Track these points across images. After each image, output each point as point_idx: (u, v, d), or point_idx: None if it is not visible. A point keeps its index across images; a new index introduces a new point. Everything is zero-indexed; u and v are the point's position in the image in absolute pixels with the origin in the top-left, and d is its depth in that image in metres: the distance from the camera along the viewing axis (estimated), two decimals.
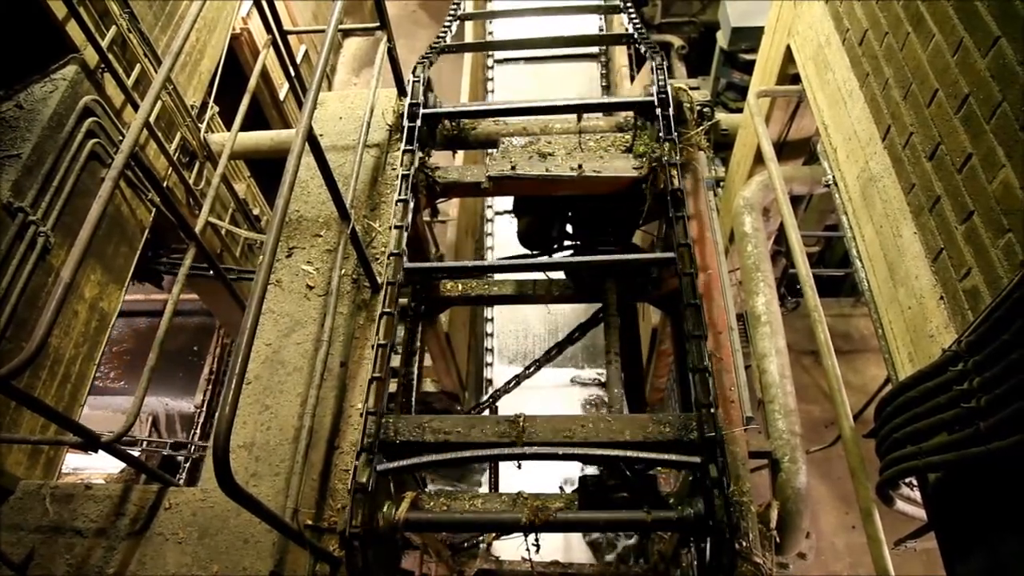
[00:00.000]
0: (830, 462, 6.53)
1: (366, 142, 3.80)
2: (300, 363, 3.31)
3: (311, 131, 2.55)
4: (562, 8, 5.26)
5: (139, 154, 2.70)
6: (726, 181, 5.81)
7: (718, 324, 3.29)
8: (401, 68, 4.16)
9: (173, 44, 2.95)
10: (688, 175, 3.74)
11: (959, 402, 2.08)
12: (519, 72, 9.40)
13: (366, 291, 3.54)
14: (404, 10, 13.79)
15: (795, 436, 3.49)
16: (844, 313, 8.26)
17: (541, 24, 8.80)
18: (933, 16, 2.60)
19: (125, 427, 2.97)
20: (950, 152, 2.51)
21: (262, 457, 3.08)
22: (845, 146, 3.41)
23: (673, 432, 2.84)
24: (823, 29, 3.63)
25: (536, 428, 2.90)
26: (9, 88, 4.40)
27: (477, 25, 9.32)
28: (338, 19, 2.96)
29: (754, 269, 4.09)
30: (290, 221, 3.82)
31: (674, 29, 11.90)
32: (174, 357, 10.70)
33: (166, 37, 5.52)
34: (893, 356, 2.95)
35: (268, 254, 2.17)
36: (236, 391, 1.91)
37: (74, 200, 4.35)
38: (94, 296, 4.68)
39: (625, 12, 4.63)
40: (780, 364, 3.70)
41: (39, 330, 2.28)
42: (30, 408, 2.38)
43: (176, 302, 3.47)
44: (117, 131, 4.77)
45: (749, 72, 5.95)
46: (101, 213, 2.39)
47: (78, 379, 4.51)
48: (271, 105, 9.46)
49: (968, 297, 2.41)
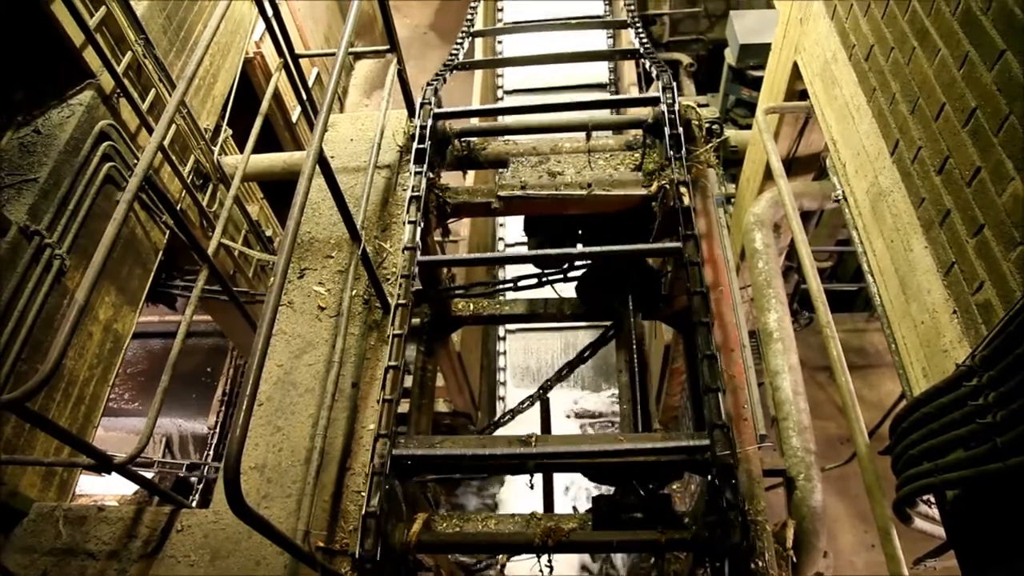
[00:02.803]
0: (847, 479, 6.44)
1: (377, 163, 3.84)
2: (312, 384, 3.32)
3: (322, 154, 2.58)
4: (570, 23, 5.31)
5: (153, 177, 2.74)
6: (736, 197, 5.80)
7: (730, 341, 3.28)
8: (411, 90, 4.20)
9: (187, 69, 3.00)
10: (698, 192, 3.75)
11: (975, 417, 2.05)
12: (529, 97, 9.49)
13: (377, 312, 3.55)
14: (415, 32, 13.95)
15: (810, 454, 3.45)
16: (858, 328, 8.20)
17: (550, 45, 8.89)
18: (938, 30, 2.61)
19: (137, 449, 2.99)
20: (959, 166, 2.50)
21: (274, 479, 3.08)
22: (854, 161, 3.40)
23: (686, 450, 2.82)
24: (829, 45, 3.64)
25: (548, 448, 2.89)
26: (28, 114, 4.48)
27: (487, 49, 9.41)
28: (348, 42, 3.00)
29: (765, 286, 4.07)
30: (301, 243, 3.85)
31: (682, 47, 11.97)
32: (187, 378, 10.75)
33: (180, 62, 5.61)
34: (907, 371, 2.92)
35: (279, 276, 2.19)
36: (247, 413, 1.91)
37: (89, 223, 4.40)
38: (108, 318, 4.72)
39: (632, 27, 4.67)
40: (793, 381, 3.67)
41: (53, 352, 2.31)
42: (44, 430, 2.41)
43: (189, 324, 3.50)
44: (132, 154, 4.83)
45: (757, 88, 5.97)
46: (115, 235, 2.42)
47: (92, 401, 4.54)
48: (284, 127, 9.56)
49: (981, 311, 2.39)
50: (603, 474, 3.14)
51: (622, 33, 9.12)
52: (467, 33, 4.76)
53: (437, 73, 4.25)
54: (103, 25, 4.63)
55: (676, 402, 7.68)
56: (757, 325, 4.05)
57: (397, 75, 4.07)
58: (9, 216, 3.95)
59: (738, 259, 5.20)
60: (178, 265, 6.40)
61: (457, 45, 4.62)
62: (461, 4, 13.49)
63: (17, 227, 3.94)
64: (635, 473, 3.03)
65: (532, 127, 4.19)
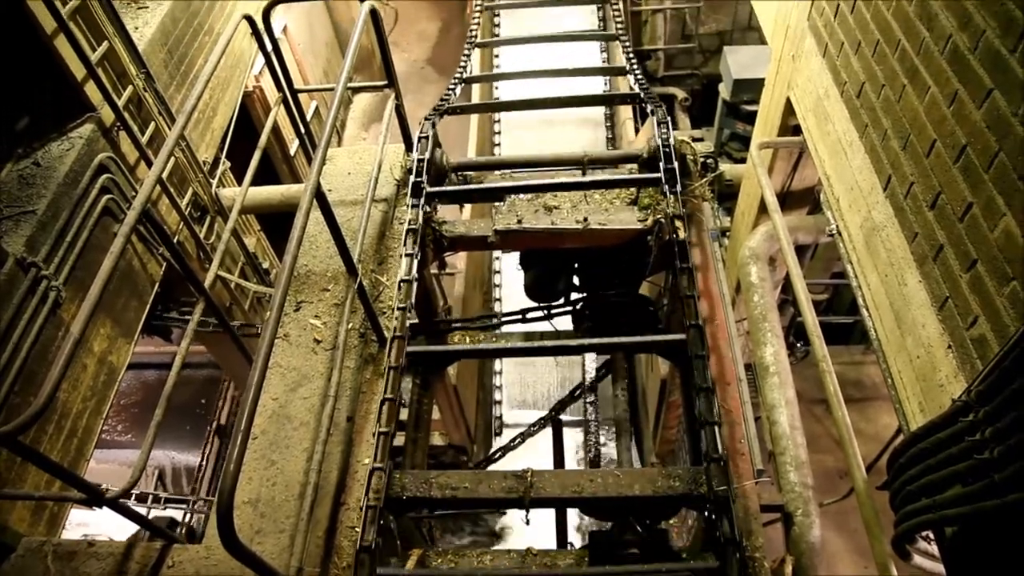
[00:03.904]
0: (845, 514, 6.39)
1: (374, 197, 3.86)
2: (307, 418, 3.30)
3: (319, 188, 2.60)
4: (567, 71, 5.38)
5: (151, 210, 2.75)
6: (731, 231, 5.84)
7: (726, 375, 3.28)
8: (409, 124, 4.24)
9: (187, 104, 3.03)
10: (693, 226, 3.77)
11: (972, 453, 2.04)
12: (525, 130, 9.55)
13: (373, 345, 3.54)
14: (413, 67, 14.12)
15: (807, 489, 3.42)
16: (855, 360, 8.20)
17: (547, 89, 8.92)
18: (928, 69, 2.65)
19: (130, 483, 2.96)
20: (951, 201, 2.53)
21: (267, 513, 3.04)
22: (847, 196, 3.43)
23: (683, 486, 2.81)
24: (821, 82, 3.70)
25: (544, 483, 2.87)
26: (28, 146, 4.51)
27: (484, 62, 9.48)
28: (347, 78, 3.04)
29: (761, 319, 4.08)
30: (298, 275, 3.85)
31: (677, 82, 12.14)
32: (182, 410, 10.68)
33: (180, 95, 5.67)
34: (904, 406, 2.92)
35: (276, 310, 2.19)
36: (242, 448, 1.90)
37: (87, 254, 4.41)
38: (103, 350, 4.70)
39: (631, 73, 4.74)
40: (790, 415, 3.66)
41: (47, 386, 2.30)
42: (35, 464, 2.38)
43: (184, 356, 3.49)
44: (131, 186, 4.86)
45: (751, 122, 6.04)
46: (112, 269, 2.42)
47: (85, 433, 4.50)
48: (282, 160, 9.62)
49: (976, 346, 2.39)
50: (600, 510, 3.11)
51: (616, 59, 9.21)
52: (459, 80, 4.83)
53: (431, 112, 4.30)
54: (105, 59, 4.68)
55: (673, 435, 7.64)
56: (753, 359, 4.05)
57: (395, 110, 4.11)
58: (6, 248, 3.96)
59: (734, 293, 5.22)
60: (174, 297, 6.39)
61: (449, 91, 4.68)
62: (458, 39, 13.69)
63: (14, 259, 3.94)
64: (632, 509, 3.01)
65: (529, 161, 4.23)
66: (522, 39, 7.27)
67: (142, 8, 5.52)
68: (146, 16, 5.46)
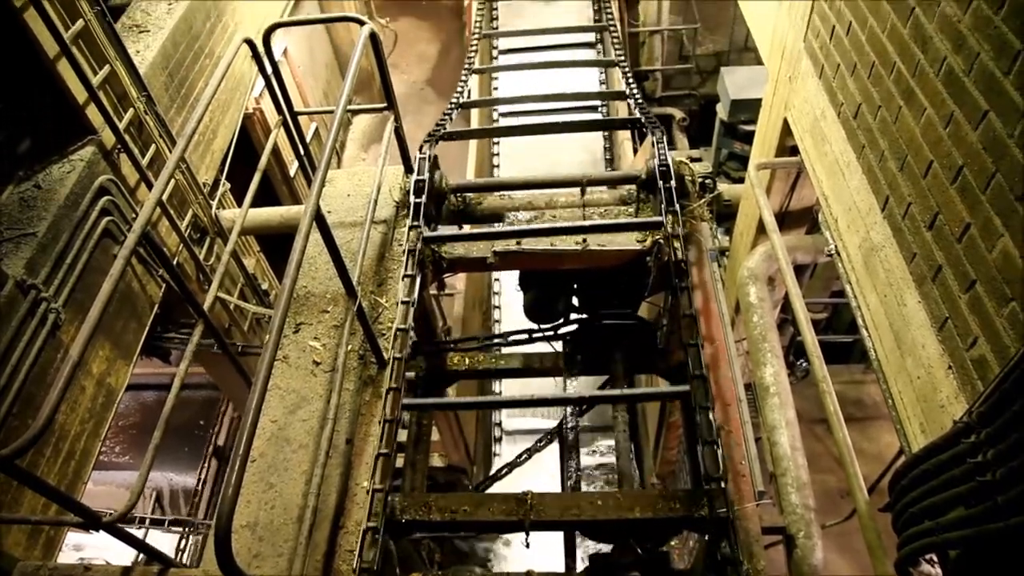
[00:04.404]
0: (848, 535, 6.33)
1: (373, 218, 3.87)
2: (306, 440, 3.28)
3: (319, 210, 2.61)
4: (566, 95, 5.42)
5: (150, 232, 2.75)
6: (730, 251, 5.85)
7: (726, 396, 3.27)
8: (408, 146, 4.26)
9: (187, 127, 3.04)
10: (692, 246, 3.78)
11: (974, 475, 2.03)
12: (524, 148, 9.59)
13: (372, 367, 3.53)
14: (412, 88, 14.23)
15: (809, 510, 3.40)
16: (855, 379, 8.18)
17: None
18: (923, 90, 2.67)
19: (127, 507, 2.93)
20: (948, 222, 2.54)
21: (265, 537, 3.02)
22: (846, 216, 3.45)
23: (683, 508, 2.79)
24: (818, 103, 3.72)
25: (544, 506, 2.85)
26: (29, 168, 4.53)
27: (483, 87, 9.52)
28: (347, 101, 3.06)
29: (761, 340, 4.07)
30: (297, 297, 3.85)
31: (675, 102, 12.25)
32: (180, 432, 10.63)
33: (181, 118, 5.70)
34: (905, 427, 2.91)
35: (275, 332, 2.18)
36: (240, 471, 1.89)
37: (86, 276, 4.41)
38: (102, 372, 4.69)
39: (631, 98, 4.78)
40: (791, 436, 3.64)
41: (45, 409, 2.29)
42: (31, 488, 2.37)
43: (183, 378, 3.47)
44: (131, 208, 4.87)
45: (749, 142, 6.07)
46: (111, 291, 2.42)
47: (82, 456, 4.47)
48: (281, 181, 9.66)
49: (976, 367, 2.39)
50: (600, 532, 3.09)
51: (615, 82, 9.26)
52: (456, 105, 4.87)
53: (429, 134, 4.33)
54: (106, 83, 4.71)
55: (673, 456, 7.60)
56: (753, 379, 4.04)
57: (394, 132, 4.13)
58: (6, 270, 3.96)
59: (733, 313, 5.22)
60: (173, 318, 6.38)
61: (445, 115, 4.71)
62: (457, 61, 13.80)
63: (14, 281, 3.94)
64: (633, 531, 2.99)
65: (528, 183, 4.25)
66: (520, 66, 7.32)
67: (144, 32, 5.57)
68: (148, 40, 5.50)
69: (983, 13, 2.27)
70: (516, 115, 7.22)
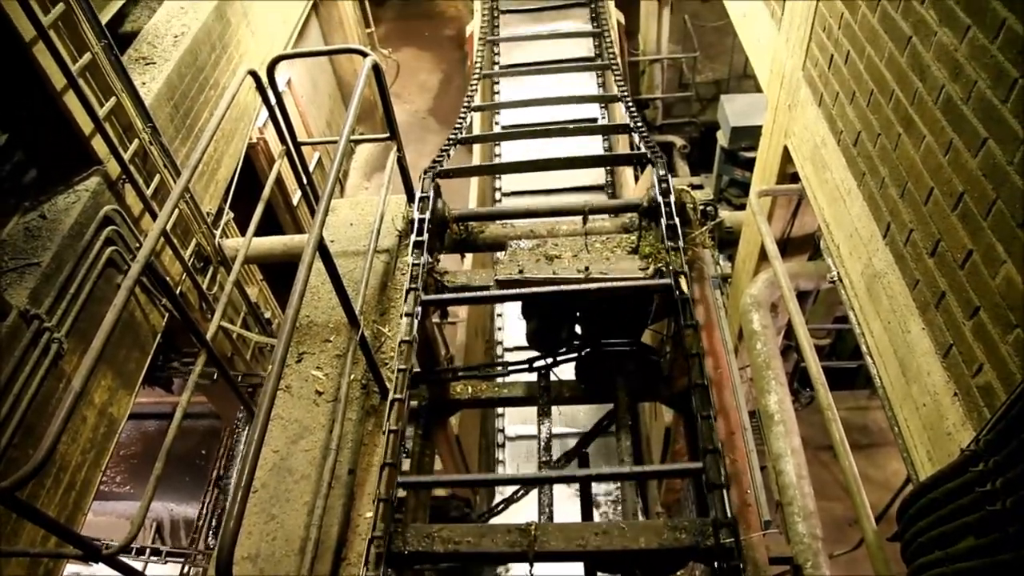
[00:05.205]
0: (856, 564, 6.25)
1: (376, 248, 3.88)
2: (308, 471, 3.26)
3: (322, 240, 2.62)
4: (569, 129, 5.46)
5: (154, 262, 2.76)
6: (733, 278, 5.85)
7: (731, 424, 3.25)
8: (410, 175, 4.29)
9: (191, 158, 3.07)
10: (694, 274, 3.78)
11: (983, 504, 2.01)
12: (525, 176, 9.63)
13: (375, 397, 3.52)
14: (414, 117, 14.36)
15: (817, 540, 3.36)
16: (860, 405, 8.11)
17: (549, 149, 8.96)
18: (922, 118, 2.69)
19: (127, 539, 2.91)
20: (951, 248, 2.54)
21: (267, 569, 2.99)
22: (847, 243, 3.45)
23: (689, 538, 2.76)
24: (818, 131, 3.75)
25: (548, 536, 2.82)
26: (34, 199, 4.57)
27: (484, 118, 9.58)
28: (350, 131, 3.09)
29: (764, 367, 4.05)
30: (300, 326, 3.85)
31: (675, 130, 12.35)
32: (181, 461, 10.55)
33: (186, 148, 5.75)
34: (911, 455, 2.88)
35: (277, 363, 2.18)
36: (242, 502, 1.88)
37: (89, 306, 4.42)
38: (103, 402, 4.68)
39: (636, 132, 4.81)
40: (797, 464, 3.61)
41: (46, 440, 2.28)
42: (31, 520, 2.35)
43: (185, 408, 3.47)
44: (135, 238, 4.90)
45: (750, 168, 6.10)
46: (115, 322, 2.43)
47: (83, 486, 4.45)
48: (285, 210, 9.72)
49: (982, 394, 2.37)
50: (606, 563, 3.05)
51: (615, 114, 9.32)
52: (454, 141, 4.91)
53: (428, 168, 4.35)
54: (112, 114, 4.77)
55: (678, 485, 7.53)
56: (757, 406, 4.01)
57: (397, 162, 4.16)
58: (10, 300, 3.97)
59: (736, 340, 5.20)
60: (175, 346, 6.38)
61: (443, 151, 4.75)
62: (459, 90, 13.94)
63: (17, 311, 3.95)
64: (638, 561, 2.95)
65: (530, 211, 4.27)
66: (522, 102, 7.39)
67: (150, 64, 5.65)
68: (153, 72, 5.58)
69: (979, 42, 2.29)
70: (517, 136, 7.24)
